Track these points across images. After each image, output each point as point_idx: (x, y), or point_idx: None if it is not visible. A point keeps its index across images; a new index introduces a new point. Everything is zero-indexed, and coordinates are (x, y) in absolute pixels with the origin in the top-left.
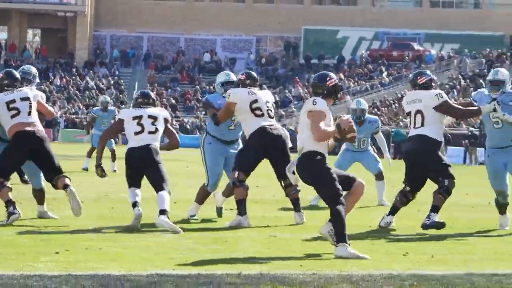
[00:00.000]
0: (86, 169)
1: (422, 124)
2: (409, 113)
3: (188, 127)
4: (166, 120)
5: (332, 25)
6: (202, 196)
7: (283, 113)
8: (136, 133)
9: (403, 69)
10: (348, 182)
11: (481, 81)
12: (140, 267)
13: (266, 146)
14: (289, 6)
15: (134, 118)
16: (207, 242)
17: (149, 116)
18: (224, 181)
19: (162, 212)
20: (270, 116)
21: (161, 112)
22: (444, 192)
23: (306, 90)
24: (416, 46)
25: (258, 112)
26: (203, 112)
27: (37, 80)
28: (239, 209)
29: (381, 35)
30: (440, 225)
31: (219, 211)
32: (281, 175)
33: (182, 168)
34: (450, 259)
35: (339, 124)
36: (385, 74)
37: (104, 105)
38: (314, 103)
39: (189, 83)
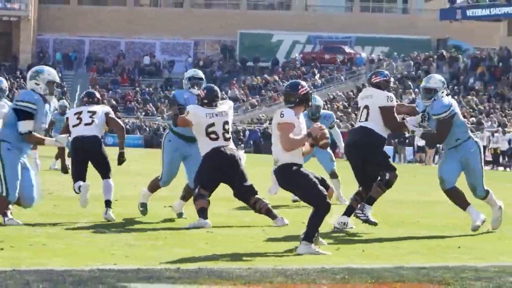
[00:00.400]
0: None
1: (366, 119)
2: (359, 108)
3: (128, 127)
4: (107, 113)
5: (267, 29)
6: (153, 186)
7: None
8: (74, 126)
9: (335, 72)
10: (323, 186)
11: (409, 82)
12: (83, 262)
13: (221, 166)
14: (226, 11)
15: (75, 113)
16: (147, 238)
17: (89, 111)
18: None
19: (108, 204)
20: (225, 139)
21: (102, 108)
22: (383, 185)
23: (242, 92)
24: (347, 49)
25: (213, 136)
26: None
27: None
28: (200, 215)
29: (314, 39)
30: (373, 223)
31: (180, 216)
32: (240, 195)
33: (123, 167)
34: (380, 253)
35: (310, 133)
36: (317, 76)
37: (63, 109)
38: (282, 115)
39: (129, 85)
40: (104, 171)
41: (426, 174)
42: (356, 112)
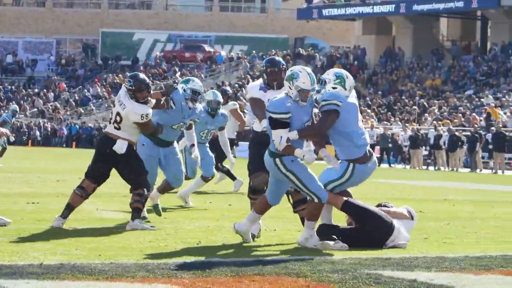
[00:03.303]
0: None
1: None
2: None
3: None
4: None
5: (128, 28)
6: (163, 187)
7: (82, 111)
8: None
9: (195, 70)
10: None
11: None
12: None
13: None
14: (87, 10)
15: None
16: (10, 233)
17: None
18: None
19: None
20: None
21: None
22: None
23: (104, 90)
24: (207, 48)
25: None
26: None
27: None
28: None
29: (174, 37)
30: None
31: (156, 208)
32: (131, 181)
33: None
34: (240, 247)
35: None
36: (178, 74)
37: (14, 113)
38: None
39: None
40: None
41: None
42: None
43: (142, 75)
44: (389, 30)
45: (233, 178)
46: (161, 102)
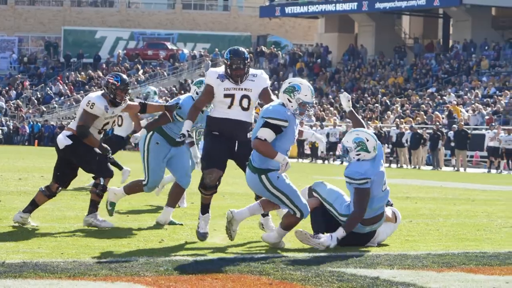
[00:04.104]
0: None
1: None
2: None
3: None
4: None
5: (91, 26)
6: (132, 188)
7: (44, 109)
8: None
9: (158, 68)
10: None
11: None
12: None
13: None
14: (50, 8)
15: None
16: None
17: None
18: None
19: None
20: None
21: None
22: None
23: (66, 87)
24: (170, 46)
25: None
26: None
27: None
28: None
29: (137, 35)
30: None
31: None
32: (92, 173)
33: None
34: (202, 246)
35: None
36: (141, 72)
37: None
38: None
39: None
40: None
41: None
42: None
43: (126, 76)
44: (352, 28)
45: (120, 167)
46: (166, 116)
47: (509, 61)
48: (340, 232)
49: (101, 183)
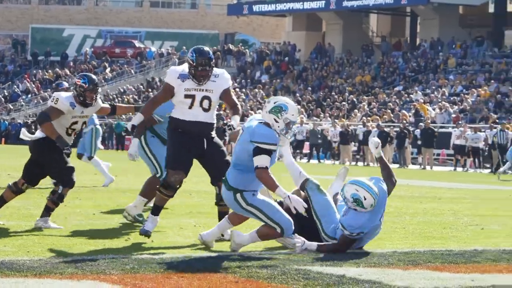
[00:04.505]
0: None
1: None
2: None
3: None
4: None
5: (58, 24)
6: (151, 190)
7: (11, 107)
8: None
9: (125, 66)
10: None
11: None
12: None
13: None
14: (17, 6)
15: None
16: None
17: None
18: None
19: None
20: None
21: None
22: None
23: (34, 85)
24: (137, 44)
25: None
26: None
27: None
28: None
29: (105, 33)
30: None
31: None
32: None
33: None
34: (167, 244)
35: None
36: (108, 70)
37: None
38: None
39: None
40: None
41: None
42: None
43: (94, 76)
44: (319, 26)
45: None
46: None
47: (476, 59)
48: (313, 247)
49: (59, 191)
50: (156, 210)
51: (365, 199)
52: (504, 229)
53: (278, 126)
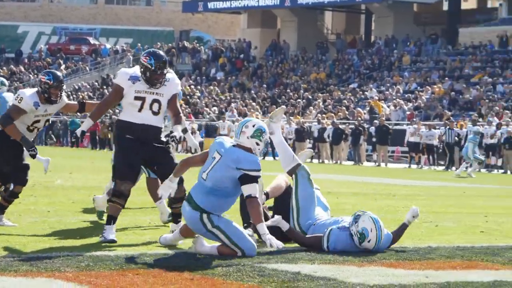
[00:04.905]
0: None
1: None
2: None
3: None
4: None
5: (13, 21)
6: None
7: None
8: None
9: (80, 62)
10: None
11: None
12: None
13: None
14: None
15: None
16: None
17: None
18: None
19: None
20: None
21: None
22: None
23: None
24: (92, 41)
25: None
26: None
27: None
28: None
29: (59, 30)
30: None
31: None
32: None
33: None
34: (124, 241)
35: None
36: (63, 67)
37: None
38: None
39: None
40: None
41: None
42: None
43: (59, 72)
44: (274, 23)
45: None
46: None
47: (430, 57)
48: (285, 226)
49: (10, 189)
50: (111, 220)
51: (369, 241)
52: (458, 226)
53: (259, 149)
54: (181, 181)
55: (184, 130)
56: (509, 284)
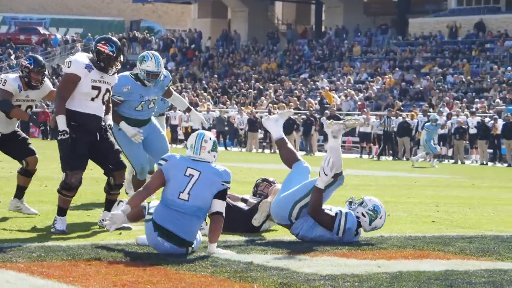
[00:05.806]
0: None
1: None
2: None
3: None
4: None
5: None
6: (136, 186)
7: None
8: None
9: (30, 52)
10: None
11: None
12: None
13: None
14: None
15: None
16: None
17: None
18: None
19: None
20: None
21: None
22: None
23: None
24: (42, 31)
25: None
26: None
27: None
28: None
29: (9, 20)
30: None
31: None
32: None
33: None
34: (79, 233)
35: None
36: (13, 57)
37: None
38: None
39: None
40: None
41: None
42: None
43: (41, 58)
44: (225, 13)
45: None
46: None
47: (381, 47)
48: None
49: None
50: (61, 212)
51: (380, 217)
52: (409, 216)
53: (215, 160)
54: (123, 167)
55: (188, 109)
56: (460, 274)
